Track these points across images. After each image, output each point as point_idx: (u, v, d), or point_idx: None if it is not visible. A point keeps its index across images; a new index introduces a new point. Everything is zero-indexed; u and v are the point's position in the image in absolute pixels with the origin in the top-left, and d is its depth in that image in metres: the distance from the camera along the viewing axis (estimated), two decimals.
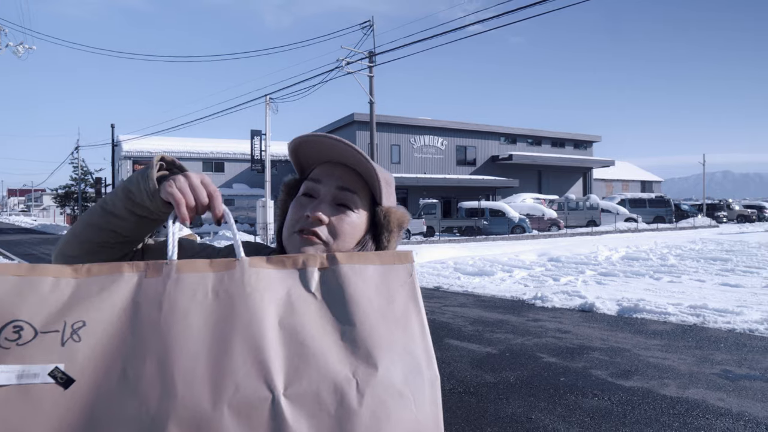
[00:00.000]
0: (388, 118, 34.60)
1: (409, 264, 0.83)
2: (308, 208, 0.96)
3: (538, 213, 29.70)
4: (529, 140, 42.76)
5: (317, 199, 0.97)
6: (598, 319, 7.45)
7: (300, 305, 0.76)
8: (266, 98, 25.12)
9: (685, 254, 15.46)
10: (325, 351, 0.72)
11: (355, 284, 0.79)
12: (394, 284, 0.81)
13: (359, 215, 0.98)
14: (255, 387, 0.68)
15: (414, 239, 24.71)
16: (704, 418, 3.94)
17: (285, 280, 0.78)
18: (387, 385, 0.72)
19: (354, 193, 0.98)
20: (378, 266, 0.81)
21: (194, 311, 0.72)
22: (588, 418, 3.98)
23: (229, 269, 0.76)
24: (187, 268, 0.76)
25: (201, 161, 42.01)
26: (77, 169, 52.90)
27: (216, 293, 0.74)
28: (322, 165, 1.00)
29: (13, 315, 0.69)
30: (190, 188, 0.85)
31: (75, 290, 0.72)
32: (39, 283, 0.72)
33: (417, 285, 0.82)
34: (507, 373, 5.11)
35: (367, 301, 0.78)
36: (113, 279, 0.74)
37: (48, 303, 0.70)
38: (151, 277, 0.74)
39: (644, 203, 36.30)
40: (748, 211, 41.05)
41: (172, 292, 0.73)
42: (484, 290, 10.11)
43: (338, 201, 0.97)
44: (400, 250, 0.86)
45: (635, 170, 60.83)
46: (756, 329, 6.51)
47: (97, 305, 0.71)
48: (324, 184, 0.98)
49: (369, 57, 21.90)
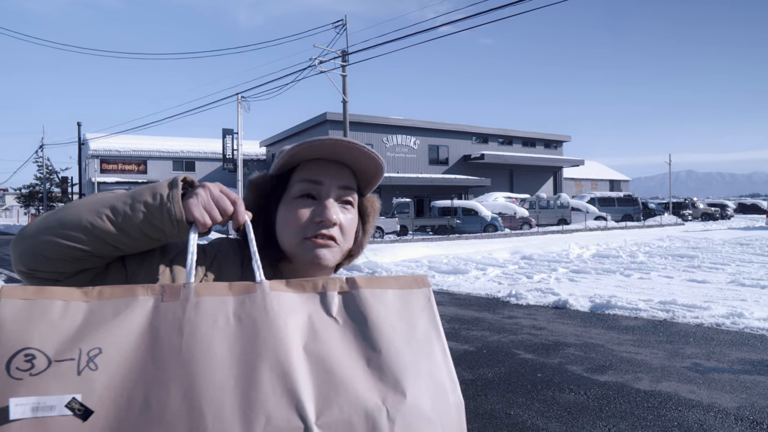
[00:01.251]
0: (360, 117, 34.59)
1: (427, 288, 0.84)
2: (318, 211, 0.93)
3: (510, 212, 30.05)
4: (500, 140, 43.21)
5: (322, 200, 0.94)
6: (572, 315, 7.57)
7: (323, 331, 0.74)
8: (238, 97, 24.87)
9: (653, 251, 15.82)
10: (354, 378, 0.72)
11: (377, 309, 0.78)
12: (415, 309, 0.81)
13: (355, 211, 1.00)
14: (287, 417, 0.66)
15: (387, 238, 24.75)
16: (677, 410, 4.04)
17: (306, 304, 0.76)
18: (416, 412, 0.72)
19: (353, 189, 0.99)
20: (397, 291, 0.81)
21: (217, 337, 0.69)
22: (565, 412, 4.05)
23: (250, 293, 0.74)
24: (205, 291, 0.73)
25: (171, 160, 41.37)
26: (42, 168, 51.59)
27: (238, 318, 0.72)
28: (313, 163, 0.96)
29: (24, 342, 0.64)
30: (213, 201, 0.81)
31: (87, 315, 0.69)
32: (48, 307, 0.68)
33: (436, 310, 0.82)
34: (484, 370, 5.16)
35: (390, 327, 0.77)
36: (127, 303, 0.70)
37: (60, 329, 0.67)
38: (168, 301, 0.71)
39: (613, 202, 37.02)
40: (712, 210, 42.21)
41: (193, 317, 0.70)
42: (459, 288, 10.18)
43: (340, 199, 0.97)
44: (416, 274, 0.85)
45: (604, 169, 61.99)
46: (722, 323, 6.70)
47: (112, 331, 0.68)
48: (326, 184, 0.95)
49: (342, 56, 21.85)
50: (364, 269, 12.80)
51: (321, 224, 0.93)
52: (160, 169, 40.83)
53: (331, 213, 0.93)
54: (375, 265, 13.00)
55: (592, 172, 57.23)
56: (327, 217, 0.92)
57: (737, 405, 4.11)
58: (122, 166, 39.62)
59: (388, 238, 25.06)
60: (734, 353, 5.51)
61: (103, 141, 38.68)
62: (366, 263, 13.26)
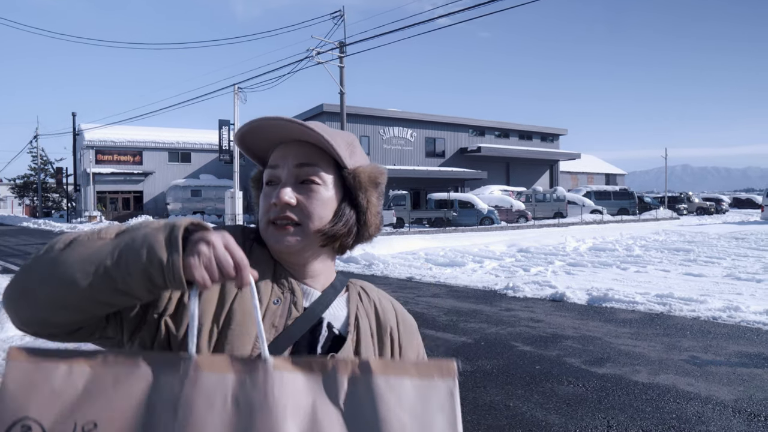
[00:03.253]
0: (357, 109, 34.48)
1: (451, 380, 0.74)
2: (273, 195, 0.91)
3: (506, 204, 30.06)
4: (497, 133, 43.18)
5: (279, 184, 0.92)
6: (569, 308, 7.59)
7: (325, 422, 0.70)
8: (234, 87, 24.76)
9: (649, 245, 15.88)
10: None
11: (388, 403, 0.71)
12: (433, 407, 0.72)
13: (327, 187, 0.93)
14: None
15: (384, 230, 24.75)
16: (675, 402, 4.06)
17: (311, 388, 0.71)
18: None
19: (314, 165, 0.93)
20: (416, 380, 0.73)
21: (211, 423, 0.67)
22: (564, 404, 4.06)
23: (252, 372, 0.70)
24: (206, 365, 0.70)
25: (167, 151, 41.18)
26: (36, 158, 51.32)
27: (236, 401, 0.68)
28: (276, 148, 0.95)
29: (23, 411, 0.64)
30: (215, 261, 0.73)
31: (88, 382, 0.67)
32: (52, 372, 0.67)
33: (458, 409, 0.73)
34: (483, 362, 5.17)
35: (400, 426, 0.70)
36: (129, 371, 0.69)
37: (60, 398, 0.66)
38: (167, 375, 0.69)
39: (609, 195, 37.08)
40: (707, 204, 42.37)
41: (190, 394, 0.68)
42: (456, 281, 10.20)
43: (301, 179, 0.92)
44: (442, 361, 0.76)
45: (600, 163, 62.06)
46: (719, 317, 6.73)
47: (110, 404, 0.66)
48: (282, 167, 0.93)
49: (339, 47, 21.75)
50: (361, 261, 12.81)
51: (275, 207, 0.90)
52: (155, 160, 40.63)
53: (282, 194, 0.89)
54: (372, 257, 13.01)
55: (588, 166, 57.29)
56: (278, 197, 0.89)
57: (735, 397, 4.13)
58: (117, 156, 39.39)
59: (384, 230, 25.07)
60: (731, 346, 5.54)
61: (98, 131, 38.43)
62: (363, 255, 13.26)
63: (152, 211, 38.66)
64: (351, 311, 0.97)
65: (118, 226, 0.79)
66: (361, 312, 0.98)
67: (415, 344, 1.04)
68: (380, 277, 11.12)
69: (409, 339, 1.02)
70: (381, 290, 1.08)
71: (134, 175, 39.52)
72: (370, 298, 1.02)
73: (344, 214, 0.94)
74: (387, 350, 0.98)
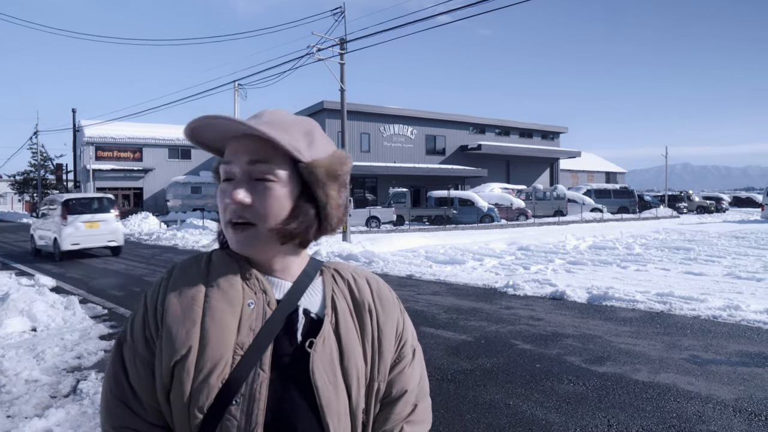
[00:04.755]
0: (358, 106, 34.42)
1: None
2: (227, 193, 0.89)
3: (507, 203, 30.04)
4: (497, 130, 43.14)
5: (234, 181, 0.90)
6: (569, 306, 7.57)
7: None
8: (235, 84, 24.70)
9: (649, 244, 15.86)
10: None
11: None
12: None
13: (282, 184, 0.90)
14: None
15: (384, 228, 24.73)
16: (676, 401, 4.05)
17: None
18: None
19: (267, 162, 0.89)
20: None
21: None
22: (565, 403, 4.05)
23: None
24: None
25: (167, 148, 41.14)
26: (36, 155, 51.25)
27: None
28: (230, 143, 0.92)
29: None
30: None
31: None
32: None
33: None
34: (483, 360, 5.15)
35: None
36: None
37: None
38: None
39: (609, 194, 37.04)
40: (707, 203, 42.32)
41: None
42: (456, 278, 10.18)
43: (254, 176, 0.89)
44: None
45: (600, 161, 62.02)
46: (719, 316, 6.72)
47: None
48: (235, 163, 0.90)
49: (340, 44, 21.69)
50: (361, 259, 12.79)
51: (230, 206, 0.89)
52: (155, 157, 40.60)
53: (235, 194, 0.87)
54: (372, 255, 12.99)
55: (588, 164, 57.25)
56: (231, 196, 0.88)
57: (735, 397, 4.12)
58: (117, 153, 39.33)
59: (384, 227, 25.05)
60: (731, 345, 5.52)
61: (99, 128, 38.38)
62: (363, 252, 13.25)
63: (152, 207, 38.63)
64: (327, 294, 0.97)
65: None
66: (337, 293, 0.98)
67: (395, 318, 1.02)
68: (380, 274, 11.06)
69: (388, 313, 1.01)
70: (358, 268, 1.07)
71: (134, 171, 39.48)
72: (344, 277, 1.01)
73: (301, 211, 0.92)
74: (367, 327, 0.97)
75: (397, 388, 0.99)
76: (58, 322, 6.63)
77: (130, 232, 24.93)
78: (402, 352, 1.01)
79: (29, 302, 6.82)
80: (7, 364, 4.93)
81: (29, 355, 5.28)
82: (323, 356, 0.89)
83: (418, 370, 1.04)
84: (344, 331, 0.94)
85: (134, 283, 10.02)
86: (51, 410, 3.87)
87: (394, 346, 1.00)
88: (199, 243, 18.57)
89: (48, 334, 6.20)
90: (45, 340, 5.91)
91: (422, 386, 1.04)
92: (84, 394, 4.25)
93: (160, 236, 21.50)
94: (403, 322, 1.04)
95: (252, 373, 0.85)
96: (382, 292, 1.03)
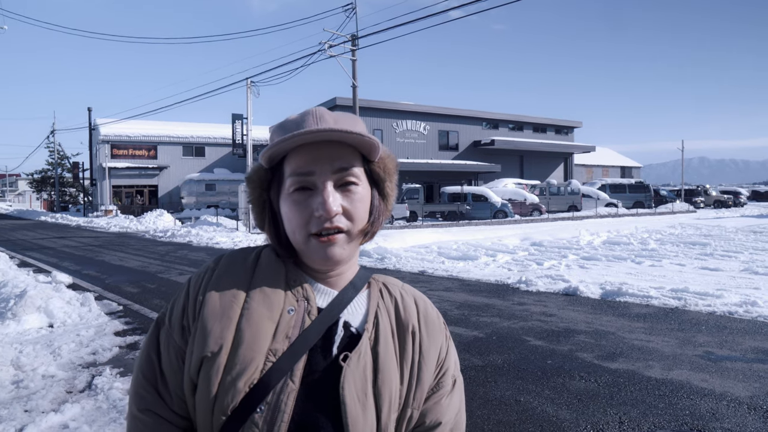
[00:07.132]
0: (370, 102, 34.43)
1: None
2: (314, 204, 0.86)
3: (520, 198, 29.90)
4: (511, 125, 42.88)
5: (317, 190, 0.86)
6: (582, 302, 7.53)
7: None
8: (247, 81, 24.80)
9: (665, 239, 15.70)
10: None
11: None
12: None
13: (363, 185, 0.90)
14: None
15: (397, 224, 24.73)
16: (689, 398, 4.01)
17: None
18: None
19: (354, 165, 0.89)
20: None
21: None
22: (576, 400, 4.03)
23: None
24: None
25: (181, 145, 41.47)
26: (53, 153, 51.91)
27: None
28: (300, 150, 0.88)
29: None
30: None
31: None
32: None
33: None
34: (494, 356, 5.14)
35: None
36: None
37: None
38: None
39: (624, 189, 36.74)
40: (725, 197, 41.83)
41: None
42: (469, 274, 10.16)
43: (340, 183, 0.88)
44: None
45: (615, 156, 61.44)
46: (735, 312, 6.64)
47: None
48: (318, 173, 0.87)
49: (352, 40, 21.69)
50: (374, 255, 12.81)
51: (322, 218, 0.85)
52: (170, 154, 40.96)
53: (330, 205, 0.85)
54: (384, 251, 13.00)
55: (603, 159, 56.75)
56: (327, 210, 0.85)
57: (750, 394, 4.07)
58: (132, 151, 39.74)
59: (397, 224, 25.04)
60: (747, 342, 5.46)
61: (114, 126, 38.82)
62: (375, 249, 13.26)
63: (167, 205, 38.97)
64: (371, 309, 0.93)
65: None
66: (381, 309, 0.94)
67: (439, 342, 0.97)
68: (392, 270, 11.11)
69: (432, 338, 0.96)
70: (407, 286, 1.02)
71: (149, 169, 39.88)
72: (392, 294, 0.98)
73: (375, 207, 0.93)
74: (408, 350, 0.93)
75: (431, 418, 0.93)
76: (74, 318, 6.73)
77: (145, 229, 25.21)
78: (441, 381, 0.96)
79: (46, 299, 6.92)
80: (24, 359, 5.01)
81: (46, 351, 5.36)
82: (356, 372, 0.85)
83: (457, 403, 0.98)
84: (383, 350, 0.89)
85: (149, 280, 10.12)
86: (67, 405, 3.93)
87: (434, 373, 0.95)
88: (212, 240, 18.70)
89: (64, 330, 6.29)
90: (61, 336, 6.00)
91: (458, 420, 0.98)
92: (99, 389, 4.31)
93: (175, 233, 21.69)
94: (447, 349, 0.99)
95: (281, 382, 0.82)
96: (429, 315, 0.99)
